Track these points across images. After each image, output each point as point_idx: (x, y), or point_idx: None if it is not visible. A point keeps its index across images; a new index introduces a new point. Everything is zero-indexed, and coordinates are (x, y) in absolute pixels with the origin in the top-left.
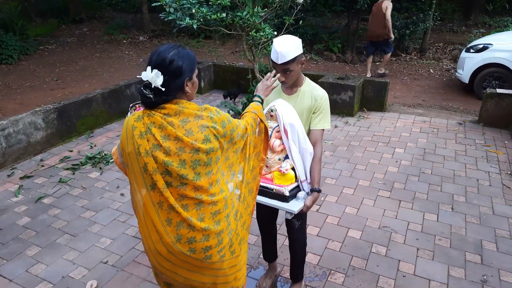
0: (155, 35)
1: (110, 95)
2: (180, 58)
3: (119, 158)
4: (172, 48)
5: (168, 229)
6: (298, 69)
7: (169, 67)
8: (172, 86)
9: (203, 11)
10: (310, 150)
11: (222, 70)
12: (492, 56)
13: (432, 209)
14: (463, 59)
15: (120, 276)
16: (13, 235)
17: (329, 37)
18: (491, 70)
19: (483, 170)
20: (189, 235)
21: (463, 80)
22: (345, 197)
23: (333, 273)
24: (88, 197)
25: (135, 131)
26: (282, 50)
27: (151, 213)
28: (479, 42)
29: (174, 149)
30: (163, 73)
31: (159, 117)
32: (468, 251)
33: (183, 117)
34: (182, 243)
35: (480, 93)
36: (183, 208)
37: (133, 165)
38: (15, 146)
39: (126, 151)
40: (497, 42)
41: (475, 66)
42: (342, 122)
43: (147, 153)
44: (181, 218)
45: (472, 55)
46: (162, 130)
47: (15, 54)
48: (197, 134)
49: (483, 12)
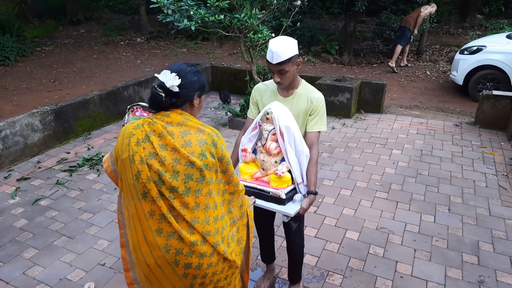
0: (152, 36)
1: (107, 96)
2: (196, 74)
3: (111, 166)
4: (191, 64)
5: (158, 240)
6: (294, 70)
7: (187, 75)
8: (184, 93)
9: (201, 12)
10: (307, 152)
11: (220, 72)
12: (486, 58)
13: (429, 210)
14: (457, 61)
15: (118, 278)
16: (10, 237)
17: (327, 39)
18: (485, 72)
19: (480, 171)
20: (178, 246)
21: (457, 81)
22: (342, 198)
23: (331, 275)
24: (85, 199)
25: (132, 138)
26: (277, 50)
27: (142, 223)
28: (473, 44)
29: (170, 159)
30: (181, 78)
31: (160, 125)
32: (465, 252)
33: (184, 129)
34: (170, 253)
35: (474, 95)
36: (175, 219)
37: (126, 172)
38: (12, 148)
39: (121, 158)
40: (490, 44)
41: (469, 68)
42: (339, 123)
43: (142, 161)
44: (172, 229)
45: (466, 57)
46: (161, 139)
47: (12, 55)
48: (195, 147)
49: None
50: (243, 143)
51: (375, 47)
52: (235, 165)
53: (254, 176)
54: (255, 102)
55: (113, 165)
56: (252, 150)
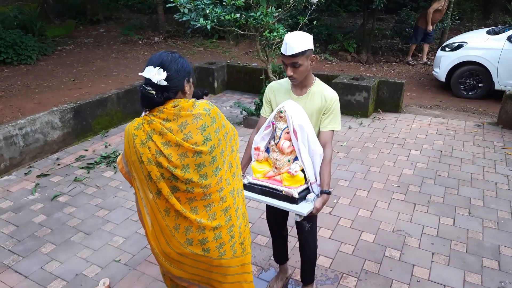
0: (170, 35)
1: (125, 95)
2: (179, 59)
3: (125, 167)
4: (169, 52)
5: (177, 235)
6: (308, 65)
7: (170, 65)
8: (173, 84)
9: (217, 11)
10: (320, 152)
11: (236, 70)
12: (467, 54)
13: (448, 213)
14: (439, 58)
15: (132, 275)
16: (29, 232)
17: (344, 37)
18: (467, 68)
19: (502, 173)
20: (200, 237)
21: (439, 78)
22: (358, 199)
23: (345, 277)
24: (102, 196)
25: (136, 139)
26: (291, 42)
27: (158, 218)
28: (454, 41)
29: (176, 155)
30: (165, 70)
31: (158, 123)
32: (485, 257)
33: (181, 121)
34: (194, 245)
35: (457, 91)
36: (192, 211)
37: (138, 173)
38: (32, 145)
39: (130, 160)
40: (471, 40)
41: (451, 64)
42: (356, 123)
43: (150, 162)
44: (189, 223)
45: (448, 53)
46: (163, 136)
47: (34, 54)
48: (196, 137)
49: (503, 11)
50: (256, 142)
51: (394, 45)
52: (248, 164)
53: (267, 175)
54: (268, 100)
55: (127, 166)
56: (265, 149)
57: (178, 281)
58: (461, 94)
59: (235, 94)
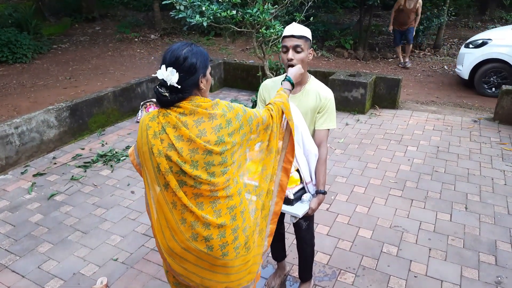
0: (166, 33)
1: (121, 93)
2: (194, 55)
3: (136, 159)
4: (185, 45)
5: (183, 228)
6: (306, 56)
7: (183, 65)
8: (187, 84)
9: (213, 8)
10: (315, 151)
11: (232, 67)
12: (492, 51)
13: (445, 208)
14: (462, 55)
15: (130, 273)
16: (25, 231)
17: (341, 34)
18: (491, 66)
19: (499, 168)
20: (205, 233)
21: (462, 76)
22: (355, 195)
23: (343, 273)
24: (99, 194)
25: (149, 130)
26: (296, 26)
27: (164, 211)
28: (478, 38)
29: (187, 150)
30: (178, 71)
31: (174, 116)
32: (482, 252)
33: (197, 117)
34: (198, 241)
35: (480, 89)
36: (198, 207)
37: (146, 165)
38: (28, 144)
39: (141, 150)
40: (496, 37)
41: (474, 62)
42: (353, 119)
43: (160, 154)
44: (196, 218)
45: (471, 50)
46: (176, 130)
47: (29, 53)
48: (210, 135)
49: (500, 6)
50: None
51: (391, 42)
52: None
53: None
54: (262, 99)
55: (138, 157)
56: None
57: (179, 279)
58: (486, 92)
59: (232, 92)
